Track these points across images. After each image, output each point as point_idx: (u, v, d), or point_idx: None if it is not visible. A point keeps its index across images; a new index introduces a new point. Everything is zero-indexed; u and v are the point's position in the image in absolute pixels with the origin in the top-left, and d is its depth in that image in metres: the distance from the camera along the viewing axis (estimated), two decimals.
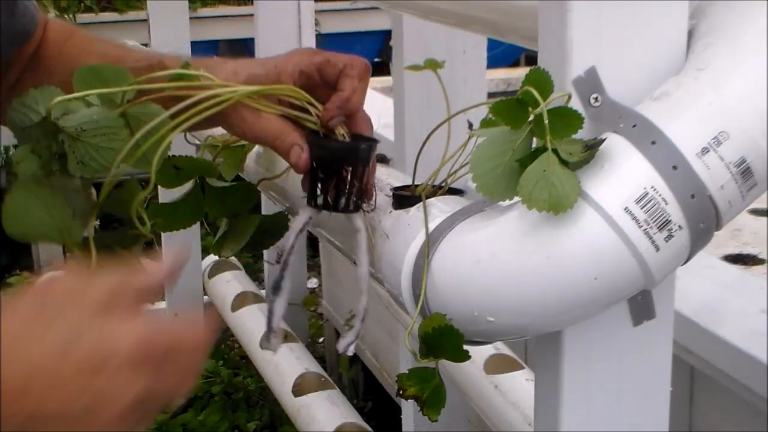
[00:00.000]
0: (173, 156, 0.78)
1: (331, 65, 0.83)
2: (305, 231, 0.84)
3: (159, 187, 0.89)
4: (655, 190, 0.65)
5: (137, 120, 0.76)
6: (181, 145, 0.74)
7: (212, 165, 0.95)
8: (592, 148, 0.67)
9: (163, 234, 1.95)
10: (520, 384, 1.64)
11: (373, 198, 0.85)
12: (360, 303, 0.84)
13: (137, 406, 0.61)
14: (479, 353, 1.68)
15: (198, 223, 0.94)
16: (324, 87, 0.84)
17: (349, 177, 0.81)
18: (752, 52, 0.68)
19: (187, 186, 0.92)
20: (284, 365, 2.55)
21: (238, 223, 0.96)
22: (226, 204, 0.94)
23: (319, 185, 0.82)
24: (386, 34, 5.30)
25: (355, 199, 0.82)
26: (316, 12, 2.90)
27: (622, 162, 0.66)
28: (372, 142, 0.83)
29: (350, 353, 0.83)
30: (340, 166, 0.81)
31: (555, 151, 0.67)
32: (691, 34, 0.72)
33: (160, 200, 1.01)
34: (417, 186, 0.85)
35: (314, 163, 0.82)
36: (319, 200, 0.82)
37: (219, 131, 0.98)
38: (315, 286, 3.66)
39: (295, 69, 0.83)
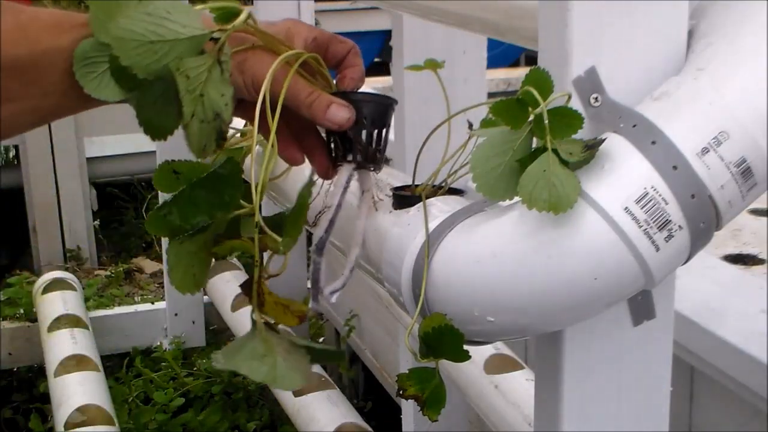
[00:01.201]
0: (172, 161, 0.78)
1: (340, 42, 0.85)
2: (349, 187, 0.85)
3: (159, 192, 0.88)
4: (655, 190, 0.65)
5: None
6: (180, 149, 0.74)
7: (210, 167, 0.94)
8: (592, 148, 0.67)
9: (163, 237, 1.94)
10: (520, 384, 1.64)
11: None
12: (351, 254, 0.85)
13: None
14: (479, 353, 1.68)
15: None
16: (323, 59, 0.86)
17: (379, 133, 0.83)
18: (752, 52, 0.68)
19: None
20: None
21: None
22: None
23: (354, 142, 0.83)
24: (386, 34, 5.30)
25: (381, 154, 0.85)
26: (316, 12, 2.90)
27: (622, 162, 0.66)
28: (392, 99, 0.86)
29: (333, 301, 0.84)
30: (379, 124, 0.83)
31: (555, 151, 0.67)
32: (691, 34, 0.72)
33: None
34: (417, 186, 0.85)
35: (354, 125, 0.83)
36: (350, 157, 0.83)
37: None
38: None
39: (309, 35, 0.83)
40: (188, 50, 0.70)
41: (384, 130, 0.84)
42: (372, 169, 0.85)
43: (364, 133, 0.83)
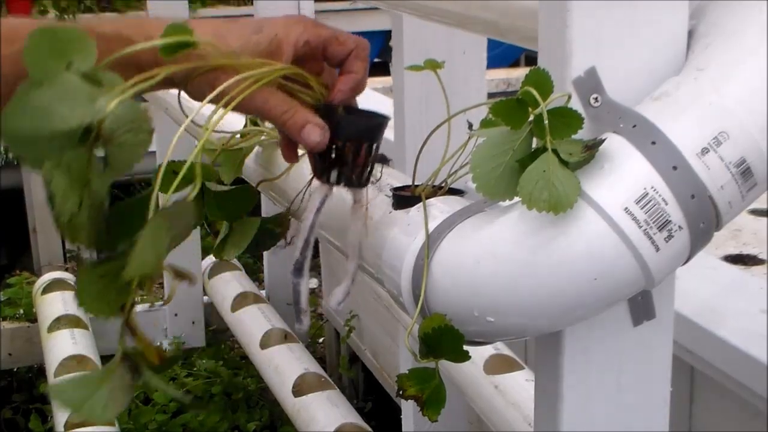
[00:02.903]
0: (171, 161, 0.77)
1: (339, 43, 0.80)
2: (323, 209, 0.82)
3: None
4: (655, 190, 0.65)
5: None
6: (179, 149, 0.73)
7: (211, 169, 0.95)
8: (592, 148, 0.67)
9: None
10: (520, 384, 1.64)
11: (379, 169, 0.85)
12: (349, 265, 0.86)
13: None
14: (479, 353, 1.68)
15: None
16: (320, 61, 0.81)
17: (364, 152, 0.80)
18: (752, 52, 0.68)
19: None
20: (284, 365, 2.55)
21: (238, 226, 0.95)
22: (226, 208, 0.94)
23: (336, 159, 0.80)
24: (386, 34, 5.29)
25: (367, 173, 0.81)
26: (316, 12, 2.91)
27: (622, 162, 0.66)
28: (383, 117, 0.82)
29: (340, 307, 0.85)
30: (360, 143, 0.79)
31: (555, 151, 0.67)
32: (691, 34, 0.72)
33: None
34: (417, 186, 0.85)
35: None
36: (333, 176, 0.80)
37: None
38: (315, 286, 3.66)
39: (299, 38, 0.78)
40: (68, 142, 0.65)
41: (368, 148, 0.80)
42: (354, 186, 0.81)
43: (344, 150, 0.79)
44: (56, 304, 2.90)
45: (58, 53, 0.64)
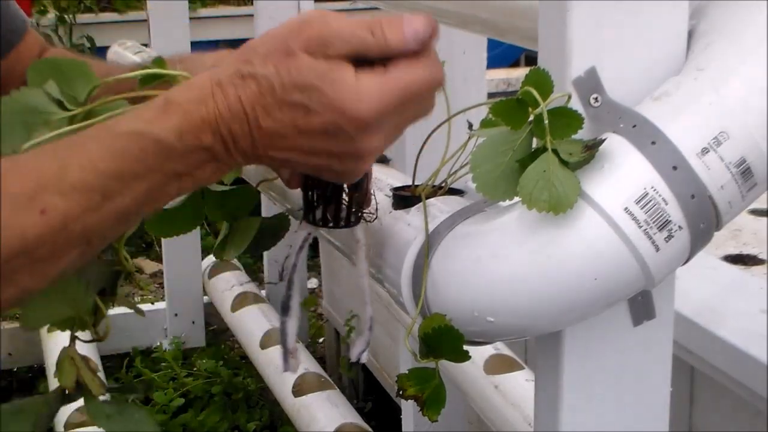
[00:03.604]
0: None
1: None
2: (306, 248, 0.80)
3: None
4: (655, 190, 0.65)
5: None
6: None
7: None
8: (592, 148, 0.67)
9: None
10: (520, 384, 1.64)
11: (372, 204, 0.82)
12: (365, 312, 0.82)
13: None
14: (479, 353, 1.68)
15: None
16: None
17: (347, 191, 0.77)
18: (752, 52, 0.68)
19: None
20: None
21: (238, 226, 0.95)
22: (226, 208, 0.94)
23: (317, 201, 0.77)
24: None
25: (355, 211, 0.78)
26: None
27: (622, 162, 0.66)
28: None
29: (363, 360, 0.82)
30: (338, 185, 0.76)
31: (555, 151, 0.67)
32: (691, 34, 0.72)
33: None
34: (417, 186, 0.85)
35: (309, 180, 0.77)
36: (318, 215, 0.78)
37: None
38: (315, 286, 3.66)
39: None
40: None
41: (352, 187, 0.76)
42: (341, 227, 0.78)
43: (325, 190, 0.76)
44: None
45: None
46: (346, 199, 0.78)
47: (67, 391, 0.82)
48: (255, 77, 0.65)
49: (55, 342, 2.67)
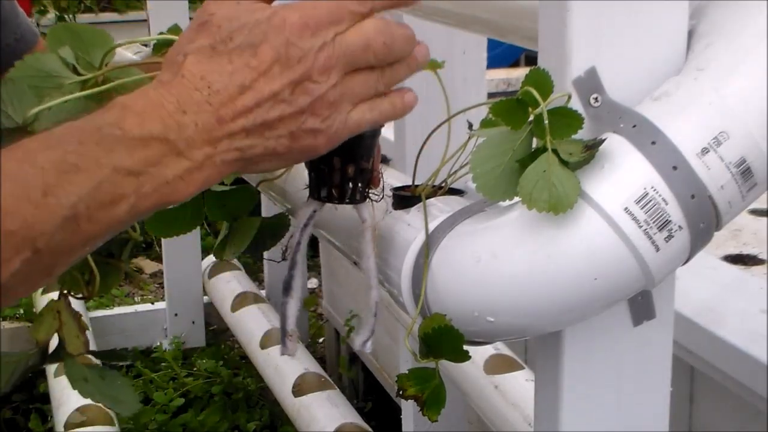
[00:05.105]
0: None
1: None
2: (311, 226, 0.79)
3: None
4: (655, 190, 0.65)
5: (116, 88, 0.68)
6: None
7: None
8: (592, 148, 0.67)
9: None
10: (520, 384, 1.64)
11: (381, 185, 0.80)
12: (371, 297, 0.80)
13: None
14: (479, 353, 1.68)
15: None
16: None
17: (353, 167, 0.76)
18: (752, 53, 0.68)
19: None
20: (284, 365, 2.55)
21: (238, 226, 0.95)
22: (226, 208, 0.94)
23: (323, 177, 0.76)
24: None
25: (361, 188, 0.77)
26: None
27: (622, 162, 0.66)
28: (370, 132, 0.77)
29: (368, 350, 0.80)
30: (347, 160, 0.76)
31: (555, 151, 0.67)
32: (691, 34, 0.72)
33: None
34: (417, 186, 0.85)
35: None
36: (323, 192, 0.77)
37: None
38: (315, 286, 3.66)
39: None
40: None
41: (355, 164, 0.76)
42: (346, 203, 0.77)
43: (331, 166, 0.75)
44: None
45: None
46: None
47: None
48: (187, 54, 0.64)
49: (55, 342, 2.67)
